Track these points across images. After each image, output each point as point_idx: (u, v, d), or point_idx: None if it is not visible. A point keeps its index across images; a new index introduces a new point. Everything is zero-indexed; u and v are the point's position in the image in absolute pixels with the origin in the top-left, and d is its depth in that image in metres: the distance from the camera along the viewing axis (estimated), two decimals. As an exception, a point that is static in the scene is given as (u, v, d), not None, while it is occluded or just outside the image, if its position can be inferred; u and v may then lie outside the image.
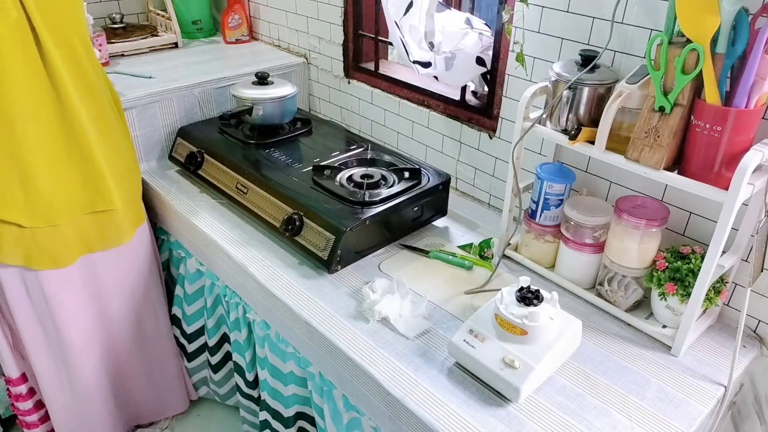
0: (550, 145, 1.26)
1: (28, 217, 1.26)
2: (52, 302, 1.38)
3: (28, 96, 1.19)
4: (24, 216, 1.26)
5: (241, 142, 1.55)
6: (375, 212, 1.24)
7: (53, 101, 1.23)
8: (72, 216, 1.32)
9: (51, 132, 1.25)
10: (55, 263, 1.34)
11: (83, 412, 1.55)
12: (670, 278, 1.02)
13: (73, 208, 1.32)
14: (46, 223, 1.29)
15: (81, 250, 1.38)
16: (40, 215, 1.28)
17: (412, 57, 1.42)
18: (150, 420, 1.77)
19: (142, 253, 1.52)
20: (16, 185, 1.24)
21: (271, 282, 1.21)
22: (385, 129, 1.71)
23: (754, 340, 1.09)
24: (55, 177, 1.27)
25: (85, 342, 1.47)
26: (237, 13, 2.03)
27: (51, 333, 1.42)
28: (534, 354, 0.94)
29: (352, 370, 1.04)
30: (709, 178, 0.91)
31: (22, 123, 1.20)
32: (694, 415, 0.93)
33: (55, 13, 1.18)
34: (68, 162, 1.29)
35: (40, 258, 1.32)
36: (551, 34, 1.20)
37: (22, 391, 1.56)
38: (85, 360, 1.49)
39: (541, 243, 1.21)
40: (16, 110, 1.18)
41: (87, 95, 1.29)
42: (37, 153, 1.24)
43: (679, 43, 0.90)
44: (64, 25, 1.20)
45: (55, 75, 1.21)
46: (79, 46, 1.25)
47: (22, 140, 1.21)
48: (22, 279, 1.34)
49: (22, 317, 1.39)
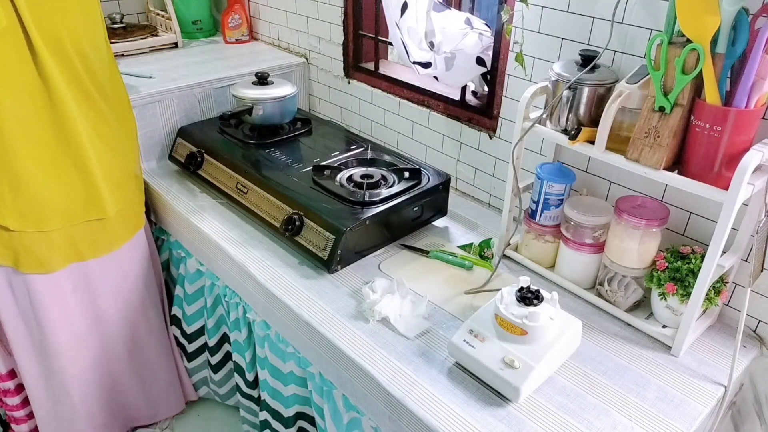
0: (550, 145, 1.26)
1: (17, 221, 1.26)
2: (37, 305, 1.37)
3: (20, 102, 1.18)
4: (12, 219, 1.25)
5: (241, 142, 1.55)
6: (375, 212, 1.24)
7: (47, 108, 1.22)
8: (63, 224, 1.31)
9: (44, 138, 1.24)
10: (42, 268, 1.33)
11: (68, 414, 1.54)
12: (670, 278, 1.02)
13: (65, 216, 1.31)
14: (34, 228, 1.28)
15: (71, 257, 1.37)
16: (29, 220, 1.27)
17: (412, 58, 1.42)
18: (146, 422, 1.76)
19: (137, 257, 1.51)
20: (5, 189, 1.23)
21: (271, 282, 1.21)
22: (385, 129, 1.71)
23: (754, 340, 1.09)
24: (46, 184, 1.26)
25: (74, 347, 1.46)
26: (237, 13, 2.03)
27: (36, 335, 1.41)
28: (534, 354, 0.94)
29: (352, 370, 1.04)
30: (709, 178, 0.91)
31: (13, 128, 1.19)
32: (694, 415, 0.93)
33: (53, 21, 1.17)
34: (61, 169, 1.28)
35: (27, 261, 1.31)
36: (551, 34, 1.20)
37: (9, 387, 1.55)
38: (72, 364, 1.47)
39: (541, 243, 1.21)
40: (7, 115, 1.17)
41: (84, 101, 1.27)
42: (28, 159, 1.23)
43: (679, 43, 0.90)
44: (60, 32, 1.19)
45: (49, 82, 1.20)
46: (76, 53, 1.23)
47: (11, 145, 1.20)
48: (8, 280, 1.34)
49: (7, 318, 1.38)
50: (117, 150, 1.38)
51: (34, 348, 1.44)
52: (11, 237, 1.28)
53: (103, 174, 1.33)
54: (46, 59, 1.18)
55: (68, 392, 1.50)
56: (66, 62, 1.22)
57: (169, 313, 1.70)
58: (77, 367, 1.49)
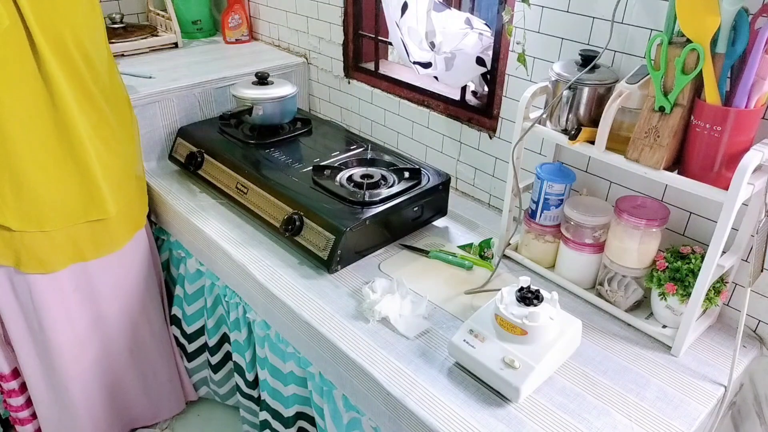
0: (550, 145, 1.26)
1: (18, 221, 1.26)
2: (39, 305, 1.37)
3: (22, 102, 1.18)
4: (14, 219, 1.26)
5: (241, 142, 1.55)
6: (375, 212, 1.24)
7: (48, 108, 1.22)
8: (64, 224, 1.31)
9: (45, 139, 1.24)
10: (43, 268, 1.33)
11: (70, 414, 1.54)
12: (670, 278, 1.02)
13: (66, 216, 1.31)
14: (36, 228, 1.28)
15: (73, 258, 1.37)
16: (30, 220, 1.27)
17: (413, 58, 1.42)
18: (146, 423, 1.76)
19: (138, 257, 1.51)
20: (6, 189, 1.23)
21: (271, 282, 1.21)
22: (385, 129, 1.71)
23: (754, 340, 1.09)
24: (47, 184, 1.26)
25: (76, 346, 1.46)
26: (237, 13, 2.03)
27: (38, 335, 1.42)
28: (534, 354, 0.94)
29: (352, 370, 1.04)
30: (709, 178, 0.91)
31: (14, 127, 1.19)
32: (694, 415, 0.93)
33: (56, 21, 1.17)
34: (62, 170, 1.28)
35: (29, 261, 1.31)
36: (551, 34, 1.20)
37: (14, 386, 1.55)
38: (74, 363, 1.47)
39: (541, 243, 1.21)
40: (8, 115, 1.17)
41: (85, 101, 1.27)
42: (29, 159, 1.23)
43: (679, 43, 0.90)
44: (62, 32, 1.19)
45: (51, 82, 1.20)
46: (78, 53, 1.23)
47: (13, 145, 1.20)
48: (9, 279, 1.34)
49: (9, 317, 1.38)
50: (117, 151, 1.38)
51: (36, 347, 1.44)
52: (12, 237, 1.28)
53: (103, 174, 1.33)
54: (49, 59, 1.18)
55: (70, 392, 1.50)
56: (68, 62, 1.22)
57: (169, 313, 1.70)
58: (79, 367, 1.49)
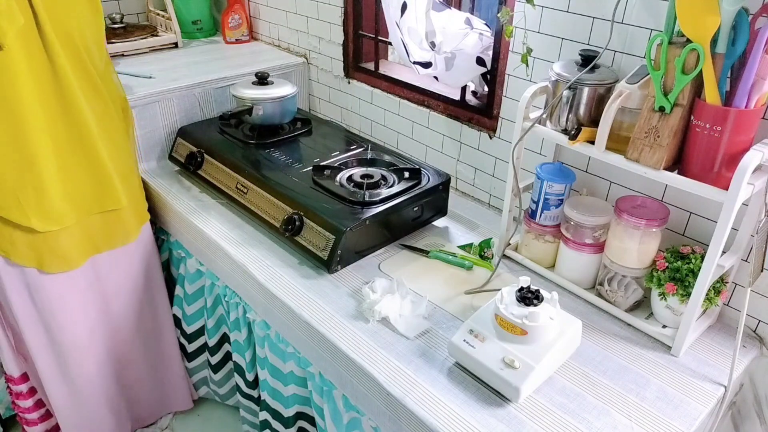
0: (550, 145, 1.26)
1: (42, 221, 1.27)
2: (56, 303, 1.38)
3: (38, 101, 1.20)
4: (38, 220, 1.27)
5: (241, 142, 1.55)
6: (375, 212, 1.24)
7: (60, 104, 1.24)
8: (81, 217, 1.33)
9: (59, 135, 1.26)
10: (67, 265, 1.35)
11: (87, 411, 1.56)
12: (670, 278, 1.02)
13: (83, 208, 1.33)
14: (58, 226, 1.30)
15: (90, 251, 1.39)
16: (53, 219, 1.29)
17: (413, 58, 1.42)
18: (156, 418, 1.78)
19: (145, 250, 1.53)
20: (29, 190, 1.24)
21: (271, 282, 1.21)
22: (385, 129, 1.71)
23: (754, 340, 1.09)
24: (65, 179, 1.28)
25: (88, 341, 1.48)
26: (237, 13, 2.03)
27: (54, 333, 1.42)
28: (534, 354, 0.94)
29: (352, 370, 1.04)
30: (709, 178, 0.91)
31: (35, 129, 1.21)
32: (694, 415, 0.93)
33: (65, 18, 1.19)
34: (77, 163, 1.30)
35: (52, 261, 1.33)
36: (551, 34, 1.20)
37: (22, 389, 1.56)
38: (87, 359, 1.49)
39: (541, 243, 1.21)
40: (29, 117, 1.19)
41: (93, 95, 1.30)
42: (49, 157, 1.25)
43: (679, 43, 0.90)
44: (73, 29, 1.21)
45: (61, 77, 1.22)
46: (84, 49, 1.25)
47: (35, 146, 1.22)
48: (24, 281, 1.34)
49: (24, 319, 1.39)
50: (120, 144, 1.41)
51: (51, 347, 1.45)
52: (36, 238, 1.29)
53: (112, 165, 1.35)
54: (60, 56, 1.20)
55: (84, 388, 1.52)
56: (76, 57, 1.24)
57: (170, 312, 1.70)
58: (92, 363, 1.51)
